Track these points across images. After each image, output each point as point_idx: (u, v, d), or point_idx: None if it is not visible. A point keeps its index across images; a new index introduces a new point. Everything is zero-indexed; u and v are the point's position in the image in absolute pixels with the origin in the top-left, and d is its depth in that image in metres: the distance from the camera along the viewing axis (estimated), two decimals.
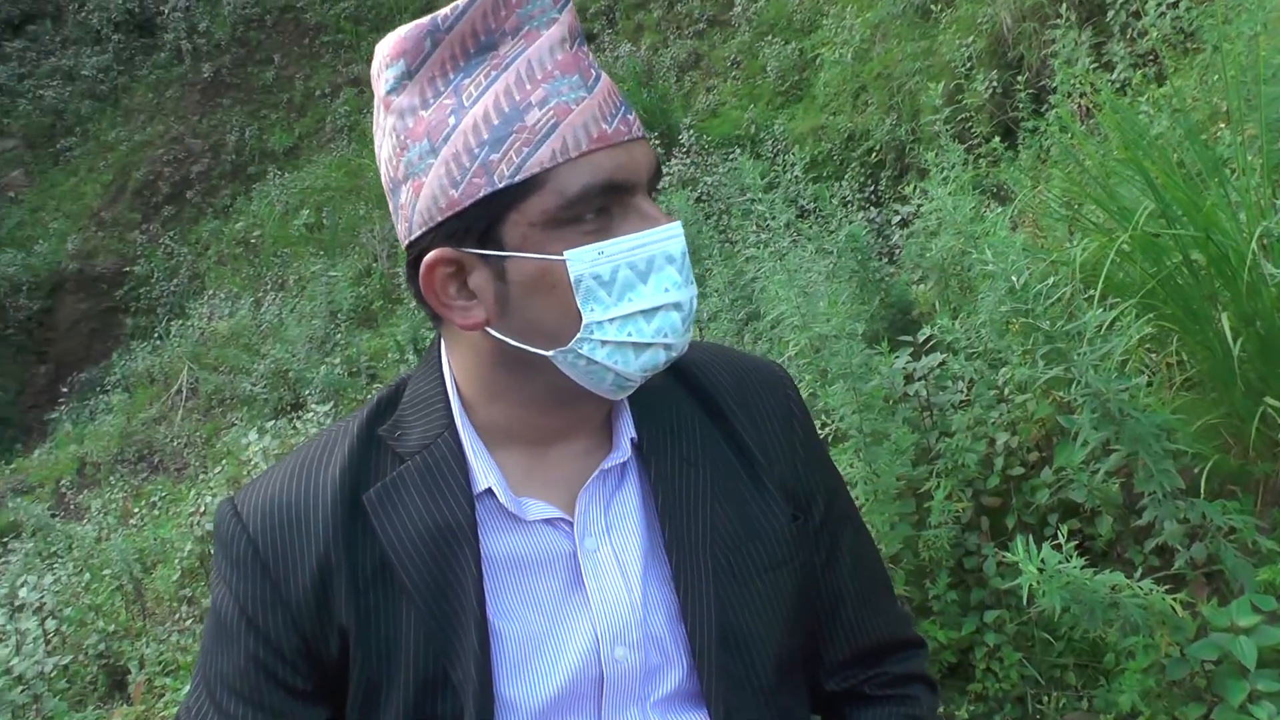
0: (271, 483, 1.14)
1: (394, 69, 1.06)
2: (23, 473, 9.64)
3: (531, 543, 1.12)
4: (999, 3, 6.65)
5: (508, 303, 1.05)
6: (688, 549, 1.14)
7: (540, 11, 1.05)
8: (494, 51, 1.04)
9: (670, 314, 1.05)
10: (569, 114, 1.00)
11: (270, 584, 1.08)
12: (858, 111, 8.44)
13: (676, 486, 1.16)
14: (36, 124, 15.35)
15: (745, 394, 1.27)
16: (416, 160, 1.03)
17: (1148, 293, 2.50)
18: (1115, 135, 3.47)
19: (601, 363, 1.05)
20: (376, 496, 1.10)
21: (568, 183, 1.00)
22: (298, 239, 12.42)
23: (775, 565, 1.19)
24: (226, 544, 1.12)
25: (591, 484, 1.14)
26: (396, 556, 1.08)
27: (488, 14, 1.03)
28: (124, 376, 11.60)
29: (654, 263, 1.04)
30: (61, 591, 5.44)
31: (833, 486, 1.32)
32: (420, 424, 1.14)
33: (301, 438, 6.00)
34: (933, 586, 2.61)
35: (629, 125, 1.04)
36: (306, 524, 1.09)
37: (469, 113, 1.01)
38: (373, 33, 14.40)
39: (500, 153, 1.00)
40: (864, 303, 3.70)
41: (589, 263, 1.02)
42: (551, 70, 1.02)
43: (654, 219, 1.05)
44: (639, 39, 12.14)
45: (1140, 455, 2.13)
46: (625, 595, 1.12)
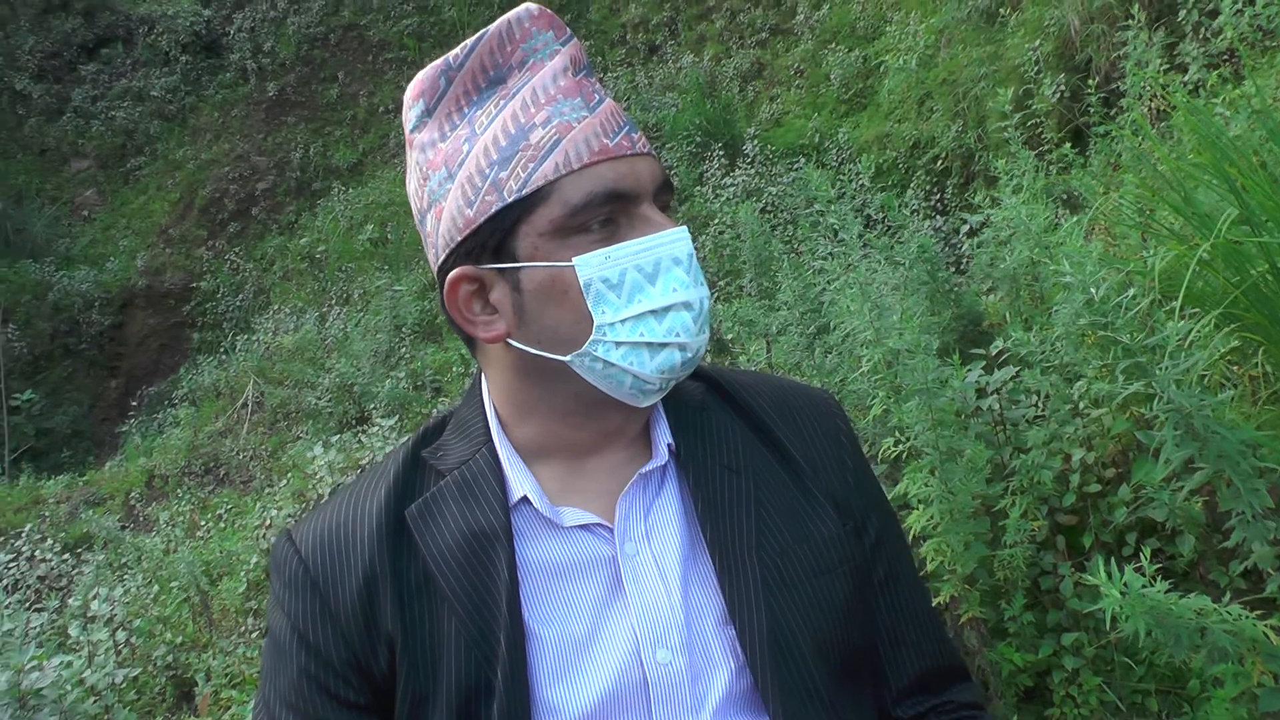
0: (324, 513, 1.20)
1: (415, 108, 1.15)
2: (95, 484, 9.81)
3: (570, 549, 1.15)
4: (1066, 4, 6.53)
5: (524, 312, 1.10)
6: (732, 552, 1.15)
7: (543, 45, 1.13)
8: (502, 84, 1.12)
9: (681, 313, 1.09)
10: (571, 130, 1.08)
11: (320, 599, 1.13)
12: (923, 119, 8.34)
13: (718, 491, 1.18)
14: (108, 144, 15.71)
15: (789, 410, 1.30)
16: (437, 188, 1.11)
17: (1230, 303, 2.40)
18: (1190, 138, 3.37)
19: (617, 364, 1.09)
20: (418, 511, 1.15)
21: (572, 193, 1.06)
22: (362, 254, 12.55)
23: (825, 570, 1.19)
24: (280, 568, 1.17)
25: (630, 490, 1.17)
26: (436, 566, 1.11)
27: (494, 50, 1.13)
28: (191, 390, 11.80)
29: (661, 265, 1.09)
30: (131, 603, 5.54)
31: (887, 513, 1.32)
32: (460, 445, 1.20)
33: (367, 451, 6.04)
34: (1008, 607, 2.54)
35: (632, 141, 1.11)
36: (353, 542, 1.14)
37: (480, 139, 1.09)
38: (436, 48, 14.55)
39: (508, 170, 1.07)
40: (935, 314, 3.63)
41: (596, 267, 1.07)
42: (554, 95, 1.10)
43: (659, 224, 1.10)
44: (701, 50, 12.12)
45: (1226, 473, 2.04)
46: (665, 599, 1.13)
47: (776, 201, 8.43)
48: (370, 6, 15.46)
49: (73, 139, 15.78)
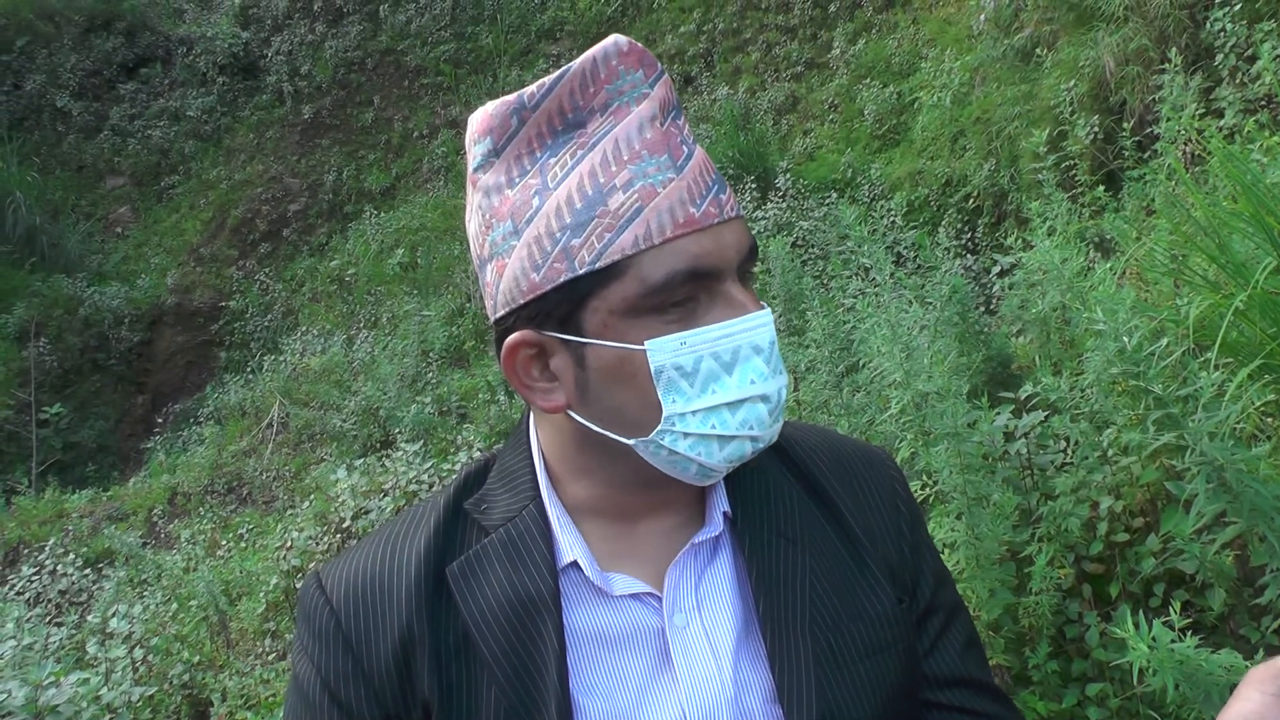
0: (357, 557, 1.13)
1: (481, 145, 1.05)
2: (118, 500, 9.85)
3: (618, 618, 1.08)
4: (1102, 46, 6.51)
5: (587, 389, 1.03)
6: (784, 627, 1.09)
7: (631, 87, 1.02)
8: (581, 129, 1.02)
9: (757, 406, 1.02)
10: (655, 197, 0.97)
11: (353, 657, 1.06)
12: (955, 156, 8.33)
13: (772, 562, 1.11)
14: (144, 163, 15.89)
15: (847, 473, 1.23)
16: (500, 241, 1.02)
17: (1267, 354, 2.37)
18: (1226, 184, 3.34)
19: (684, 454, 1.02)
20: (459, 569, 1.08)
21: (651, 270, 0.97)
22: (392, 278, 12.61)
23: (879, 649, 1.13)
24: (310, 616, 1.10)
25: (681, 558, 1.11)
26: (478, 629, 1.05)
27: (575, 91, 1.02)
28: (217, 409, 11.86)
29: (739, 353, 1.01)
30: (149, 620, 5.55)
31: (940, 572, 1.26)
32: (506, 498, 1.12)
33: (390, 476, 6.04)
34: (1033, 656, 2.50)
35: (719, 206, 1.01)
36: (390, 597, 1.08)
37: (553, 194, 0.99)
38: (472, 75, 14.68)
39: (582, 238, 0.97)
40: (965, 356, 3.60)
41: (670, 353, 0.99)
42: (639, 150, 0.99)
43: (741, 306, 1.02)
44: (737, 82, 12.17)
45: (1259, 528, 2.00)
46: (716, 674, 1.07)
47: (807, 236, 8.41)
48: (408, 32, 15.61)
49: (109, 156, 15.97)
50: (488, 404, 8.32)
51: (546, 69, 14.09)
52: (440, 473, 5.99)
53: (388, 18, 15.86)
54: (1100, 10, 6.53)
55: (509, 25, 14.92)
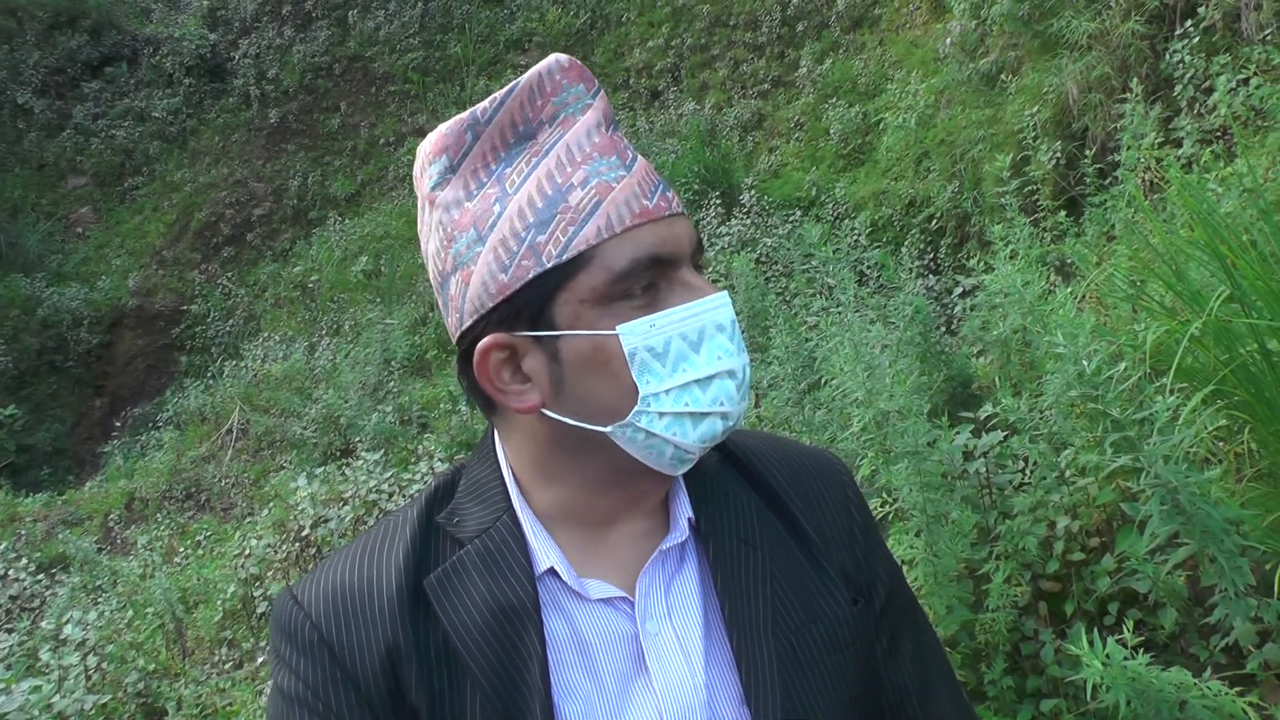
0: (331, 572, 1.14)
1: (437, 165, 1.08)
2: (73, 504, 9.73)
3: (594, 623, 1.11)
4: (1065, 73, 6.62)
5: (562, 382, 1.05)
6: (749, 629, 1.12)
7: (575, 99, 1.08)
8: (533, 140, 1.07)
9: (725, 381, 1.06)
10: (611, 192, 1.03)
11: (338, 665, 1.07)
12: (920, 177, 8.42)
13: (735, 567, 1.15)
14: (107, 163, 15.75)
15: (801, 480, 1.26)
16: (464, 250, 1.05)
17: (1219, 380, 2.43)
18: (1183, 213, 3.41)
19: (660, 435, 1.05)
20: (437, 581, 1.10)
21: (615, 258, 1.02)
22: (355, 285, 12.56)
23: (837, 648, 1.16)
24: (289, 631, 1.10)
25: (651, 565, 1.13)
26: (460, 639, 1.07)
27: (525, 105, 1.08)
28: (176, 414, 11.75)
29: (705, 332, 1.05)
30: (104, 628, 5.48)
31: (893, 576, 1.30)
32: (477, 510, 1.14)
33: (351, 484, 6.01)
34: (988, 671, 2.54)
35: (669, 201, 1.07)
36: (370, 609, 1.09)
37: (513, 199, 1.03)
38: (440, 83, 14.66)
39: (547, 234, 1.02)
40: (926, 375, 3.65)
41: (642, 335, 1.03)
42: (590, 152, 1.05)
43: (701, 290, 1.07)
44: (704, 97, 12.24)
45: (1210, 550, 2.05)
46: (689, 679, 1.10)
47: (771, 253, 8.47)
48: (376, 39, 15.59)
49: (71, 155, 15.82)
50: (449, 414, 8.30)
51: (514, 79, 14.08)
52: (401, 482, 5.97)
53: (357, 24, 15.83)
54: (1064, 38, 6.64)
55: (477, 35, 14.94)
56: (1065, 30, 6.59)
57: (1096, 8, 6.54)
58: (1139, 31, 6.08)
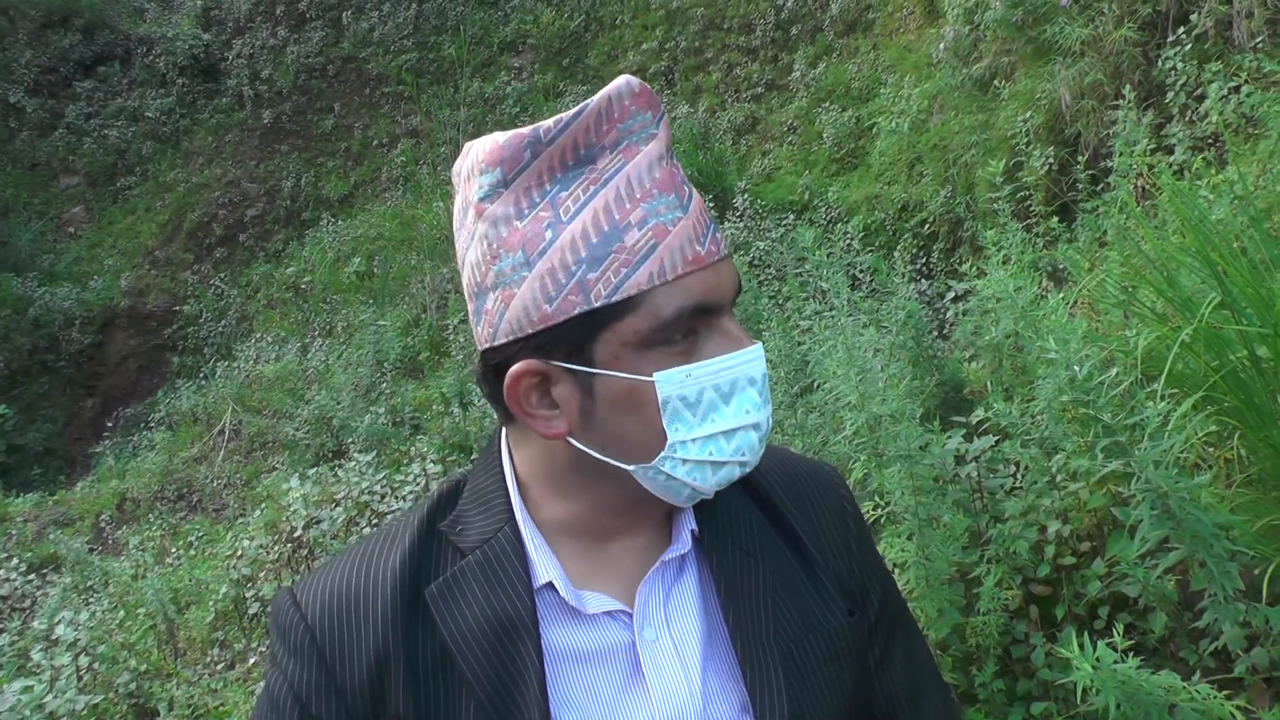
0: (331, 574, 1.15)
1: (490, 175, 1.06)
2: (65, 505, 9.72)
3: (592, 635, 1.12)
4: (1058, 79, 6.64)
5: (592, 417, 1.06)
6: (753, 637, 1.14)
7: (640, 126, 1.06)
8: (592, 165, 1.05)
9: (749, 434, 1.08)
10: (667, 235, 1.02)
11: (326, 672, 1.09)
12: (912, 182, 8.44)
13: (738, 576, 1.17)
14: (100, 163, 15.72)
15: (799, 492, 1.28)
16: (509, 271, 1.04)
17: (1209, 386, 2.45)
18: (1175, 220, 3.43)
19: (681, 479, 1.06)
20: (438, 590, 1.11)
21: (663, 305, 1.01)
22: (348, 286, 12.56)
23: (834, 658, 1.19)
24: (284, 631, 1.12)
25: (651, 576, 1.15)
26: (458, 649, 1.08)
27: (590, 129, 1.04)
28: (168, 414, 11.74)
29: (737, 385, 1.06)
30: (96, 628, 5.47)
31: (886, 585, 1.32)
32: (480, 519, 1.15)
33: (343, 486, 6.01)
34: (979, 674, 2.55)
35: (718, 245, 1.06)
36: (365, 614, 1.10)
37: (567, 228, 1.02)
38: (434, 85, 14.65)
39: (598, 272, 1.01)
40: (919, 379, 3.66)
41: (677, 385, 1.04)
42: (650, 189, 1.03)
43: (738, 340, 1.07)
44: (697, 100, 12.25)
45: (1200, 555, 2.07)
46: (685, 686, 1.11)
47: (764, 257, 8.49)
48: (370, 40, 15.58)
49: (64, 155, 15.79)
50: (441, 415, 8.30)
51: (508, 81, 14.09)
52: (393, 483, 5.97)
53: (350, 25, 15.82)
54: (1057, 44, 6.66)
55: (471, 37, 14.94)
56: (1058, 36, 6.61)
57: (1089, 14, 6.56)
58: (1131, 38, 6.10)
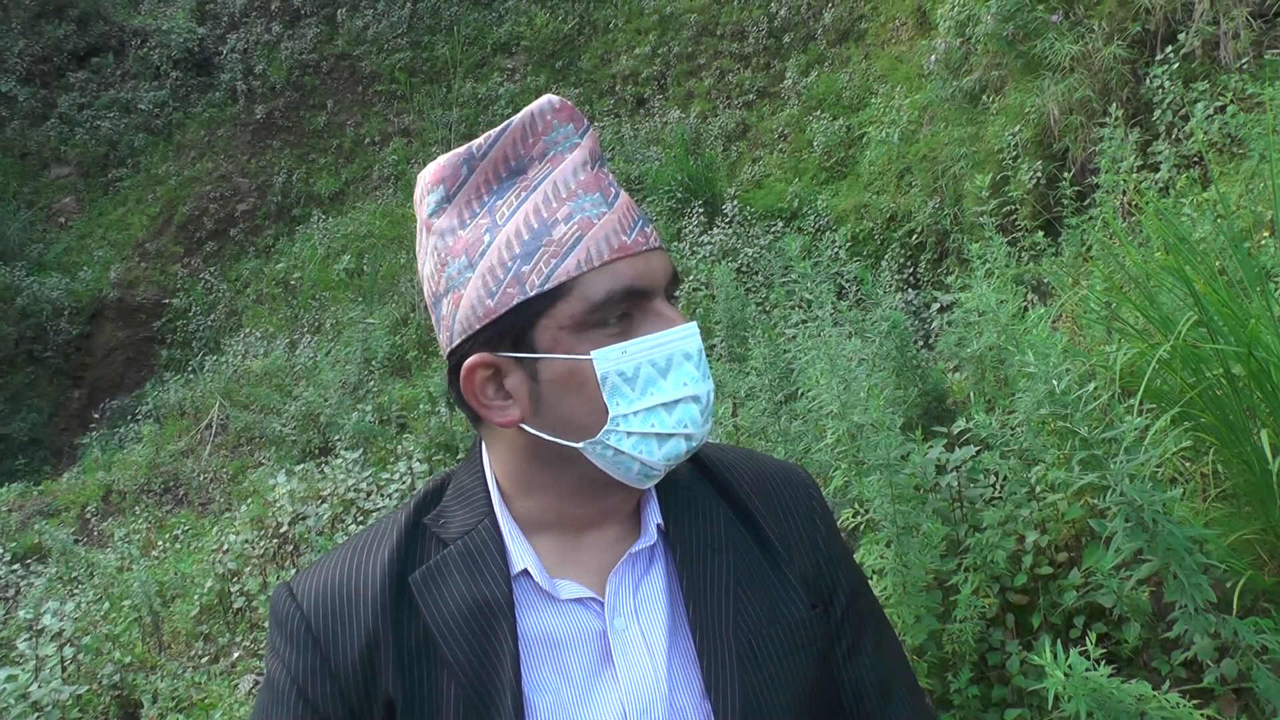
0: (324, 568, 1.24)
1: (435, 194, 1.18)
2: (50, 495, 9.70)
3: (564, 621, 1.19)
4: (1047, 94, 6.70)
5: (540, 401, 1.14)
6: (711, 629, 1.21)
7: (564, 138, 1.17)
8: (523, 175, 1.16)
9: (689, 406, 1.15)
10: (592, 227, 1.12)
11: (320, 656, 1.16)
12: (901, 192, 8.49)
13: (701, 570, 1.24)
14: (91, 153, 15.69)
15: (768, 491, 1.35)
16: (456, 275, 1.15)
17: (1186, 402, 2.50)
18: (1158, 238, 3.48)
19: (628, 453, 1.14)
20: (421, 578, 1.19)
21: (592, 289, 1.11)
22: (337, 283, 12.56)
23: (795, 650, 1.25)
24: (281, 620, 1.20)
25: (621, 567, 1.22)
26: (440, 633, 1.15)
27: (517, 142, 1.16)
28: (156, 407, 11.73)
29: (673, 360, 1.14)
30: (81, 619, 5.48)
31: (855, 584, 1.37)
32: (462, 513, 1.24)
33: (329, 482, 6.04)
34: (955, 680, 2.60)
35: (646, 237, 1.16)
36: (356, 603, 1.18)
37: (502, 230, 1.13)
38: (427, 84, 14.67)
39: (531, 264, 1.11)
40: (901, 389, 3.71)
41: (613, 361, 1.12)
42: (575, 189, 1.14)
43: (671, 320, 1.15)
44: (689, 106, 12.29)
45: (1173, 567, 2.12)
46: (652, 673, 1.18)
47: (752, 263, 8.54)
48: (364, 38, 15.58)
49: (55, 145, 15.75)
50: (428, 415, 8.32)
51: (501, 82, 14.12)
52: (379, 481, 6.00)
53: (345, 22, 15.83)
54: (1047, 60, 6.73)
55: (465, 37, 14.96)
56: (1048, 52, 6.68)
57: (1079, 31, 6.63)
58: (1121, 56, 6.18)
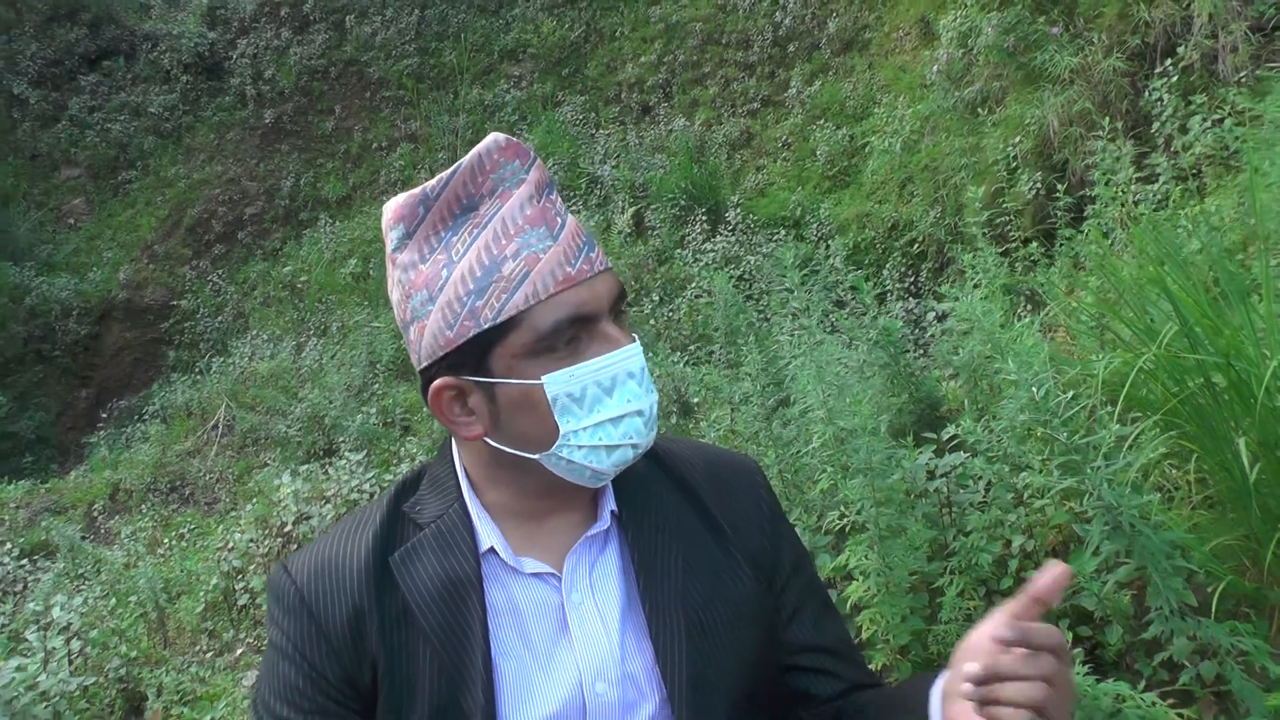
0: (315, 549, 1.38)
1: (396, 231, 1.29)
2: (57, 493, 9.78)
3: (527, 594, 1.33)
4: (1047, 106, 6.77)
5: (499, 419, 1.27)
6: (660, 603, 1.34)
7: (511, 174, 1.27)
8: (475, 211, 1.26)
9: (634, 419, 1.27)
10: (538, 263, 1.22)
11: (315, 623, 1.30)
12: (903, 202, 8.54)
13: (651, 550, 1.37)
14: (101, 155, 15.81)
15: (717, 478, 1.49)
16: (419, 307, 1.26)
17: (1170, 410, 2.56)
18: (1144, 252, 3.54)
19: (579, 463, 1.26)
20: (400, 558, 1.33)
21: (540, 320, 1.21)
22: (343, 287, 12.63)
23: (740, 622, 1.38)
24: (279, 595, 1.34)
25: (578, 548, 1.36)
26: (416, 605, 1.29)
27: (468, 181, 1.26)
28: (163, 407, 11.81)
29: (617, 379, 1.25)
30: (88, 614, 5.56)
31: (797, 560, 1.51)
32: (435, 500, 1.38)
33: (333, 483, 6.11)
34: None
35: (591, 263, 1.26)
36: (343, 577, 1.32)
37: (457, 266, 1.24)
38: (434, 90, 14.75)
39: (484, 299, 1.21)
40: (894, 395, 3.77)
41: (562, 384, 1.23)
42: (522, 225, 1.24)
43: (616, 341, 1.26)
44: (694, 114, 12.35)
45: (1149, 570, 2.18)
46: (605, 641, 1.32)
47: (753, 271, 8.60)
48: (372, 44, 15.67)
49: (65, 147, 15.87)
50: (431, 418, 8.37)
51: (508, 89, 14.20)
52: (382, 482, 6.07)
53: (353, 28, 15.92)
54: (1047, 71, 6.79)
55: (472, 44, 15.04)
56: (1048, 63, 6.75)
57: (1079, 43, 6.70)
58: (1120, 68, 6.24)
